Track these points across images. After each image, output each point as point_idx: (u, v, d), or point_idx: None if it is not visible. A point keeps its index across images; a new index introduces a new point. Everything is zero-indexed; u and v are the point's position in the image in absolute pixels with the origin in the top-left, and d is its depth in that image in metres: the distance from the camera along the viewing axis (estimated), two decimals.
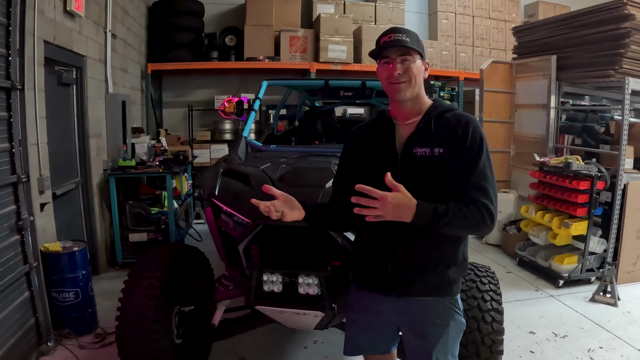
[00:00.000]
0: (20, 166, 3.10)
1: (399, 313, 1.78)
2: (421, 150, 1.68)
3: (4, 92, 2.99)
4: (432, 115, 1.72)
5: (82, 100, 4.40)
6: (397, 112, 1.77)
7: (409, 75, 1.66)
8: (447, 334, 1.75)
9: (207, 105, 7.48)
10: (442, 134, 1.68)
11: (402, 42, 1.64)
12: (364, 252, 1.83)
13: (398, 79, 1.66)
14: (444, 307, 1.75)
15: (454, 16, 7.95)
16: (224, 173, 2.77)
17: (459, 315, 1.79)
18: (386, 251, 1.73)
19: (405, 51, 1.66)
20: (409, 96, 1.69)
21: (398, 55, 1.66)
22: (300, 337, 3.47)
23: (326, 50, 6.97)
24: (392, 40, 1.65)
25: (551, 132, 5.51)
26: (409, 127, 1.74)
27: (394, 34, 1.67)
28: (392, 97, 1.73)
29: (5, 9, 2.96)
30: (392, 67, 1.66)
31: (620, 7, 4.41)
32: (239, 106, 3.43)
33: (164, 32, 6.88)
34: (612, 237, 4.52)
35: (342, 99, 4.51)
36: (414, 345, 1.80)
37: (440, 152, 1.66)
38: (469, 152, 1.65)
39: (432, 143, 1.67)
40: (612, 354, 3.34)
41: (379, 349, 1.91)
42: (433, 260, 1.71)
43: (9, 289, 2.91)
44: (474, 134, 1.66)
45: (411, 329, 1.80)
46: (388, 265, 1.72)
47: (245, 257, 2.37)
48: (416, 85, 1.69)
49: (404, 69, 1.66)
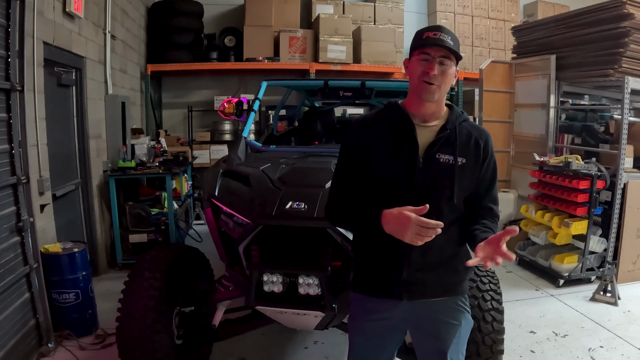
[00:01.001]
0: (20, 167, 3.10)
1: (409, 316, 1.75)
2: (445, 157, 1.67)
3: (4, 94, 2.99)
4: (456, 123, 1.72)
5: (82, 101, 4.40)
6: (417, 111, 1.70)
7: (442, 80, 1.62)
8: (460, 333, 1.75)
9: (207, 106, 7.48)
10: (464, 144, 1.70)
11: (446, 44, 1.59)
12: (373, 257, 1.75)
13: (432, 80, 1.61)
14: (456, 306, 1.75)
15: (453, 16, 7.94)
16: (223, 174, 2.77)
17: (469, 313, 1.79)
18: (402, 255, 1.67)
19: (447, 54, 1.61)
20: (436, 99, 1.66)
21: (439, 56, 1.61)
22: (300, 337, 3.46)
23: (325, 50, 6.96)
24: (437, 39, 1.60)
25: (551, 131, 5.51)
26: (429, 131, 1.70)
27: (440, 32, 1.61)
28: (419, 96, 1.66)
29: (5, 10, 2.96)
30: (430, 65, 1.61)
31: (619, 6, 4.41)
32: (238, 107, 3.43)
33: (164, 33, 6.87)
34: (612, 236, 4.51)
35: (341, 99, 4.51)
36: (427, 347, 1.79)
37: (463, 163, 1.68)
38: (488, 167, 1.73)
39: (456, 152, 1.68)
40: (612, 353, 3.34)
41: (385, 355, 1.86)
42: (446, 259, 1.72)
43: (9, 290, 2.91)
44: (492, 150, 1.75)
45: (423, 331, 1.79)
46: (403, 269, 1.68)
47: (245, 258, 2.38)
48: (444, 91, 1.66)
49: (440, 71, 1.61)
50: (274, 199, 2.36)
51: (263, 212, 2.31)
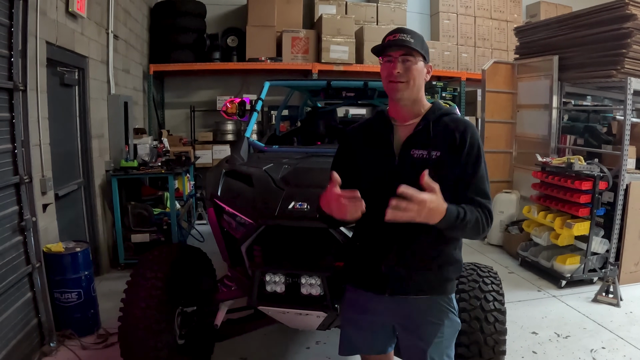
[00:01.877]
0: (23, 167, 3.11)
1: (393, 312, 1.78)
2: (418, 152, 1.69)
3: (7, 93, 2.99)
4: (431, 119, 1.73)
5: (85, 101, 4.41)
6: (395, 113, 1.78)
7: (409, 76, 1.67)
8: (442, 333, 1.75)
9: (209, 106, 7.48)
10: (440, 137, 1.70)
11: (405, 42, 1.65)
12: (358, 250, 1.84)
13: (397, 78, 1.67)
14: (439, 306, 1.76)
15: (456, 16, 7.95)
16: (226, 174, 2.77)
17: (454, 314, 1.80)
18: (380, 249, 1.73)
19: (408, 51, 1.67)
20: (407, 97, 1.70)
21: (400, 55, 1.67)
22: (302, 337, 3.46)
23: (328, 50, 6.97)
24: (396, 40, 1.67)
25: (553, 132, 5.50)
26: (407, 129, 1.75)
27: (398, 34, 1.68)
28: (391, 96, 1.73)
29: (8, 10, 2.97)
30: (392, 65, 1.67)
31: (622, 7, 4.40)
32: (241, 107, 3.43)
33: (166, 33, 6.89)
34: (615, 238, 4.50)
35: (344, 100, 4.51)
36: (409, 344, 1.81)
37: (437, 155, 1.67)
38: (468, 157, 1.68)
39: (430, 146, 1.69)
40: (614, 355, 3.33)
41: (375, 349, 1.90)
42: (427, 258, 1.72)
43: (11, 289, 2.92)
44: (472, 139, 1.69)
45: (406, 328, 1.81)
46: (382, 264, 1.72)
47: (247, 258, 2.38)
48: (415, 87, 1.70)
49: (404, 68, 1.67)
50: (276, 199, 2.36)
51: (266, 212, 2.32)
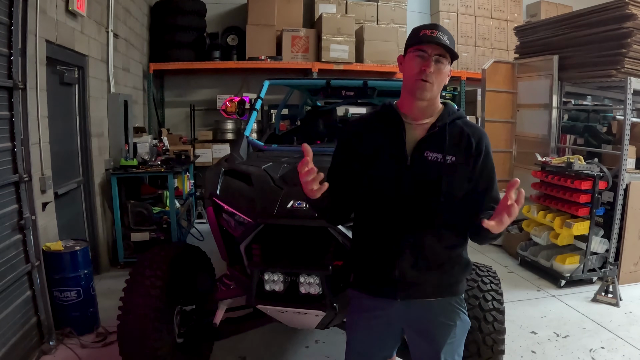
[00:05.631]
0: (22, 165, 3.10)
1: (404, 315, 1.74)
2: (433, 155, 1.65)
3: (6, 92, 2.99)
4: (447, 121, 1.69)
5: (84, 99, 4.41)
6: (409, 110, 1.71)
7: (437, 78, 1.62)
8: (455, 334, 1.73)
9: (209, 105, 7.48)
10: (455, 142, 1.67)
11: (444, 42, 1.59)
12: (367, 255, 1.77)
13: (428, 78, 1.60)
14: (451, 307, 1.74)
15: (456, 16, 7.93)
16: (225, 172, 2.77)
17: (465, 314, 1.78)
18: (393, 253, 1.68)
19: (443, 52, 1.61)
20: (429, 97, 1.65)
21: (435, 54, 1.61)
22: (301, 336, 3.47)
23: (328, 50, 6.96)
24: (434, 37, 1.59)
25: (553, 132, 5.50)
26: (420, 129, 1.70)
27: (437, 30, 1.60)
28: (412, 93, 1.65)
29: (7, 9, 2.96)
30: (427, 63, 1.60)
31: (622, 7, 4.40)
32: (240, 106, 3.43)
33: (166, 32, 6.88)
34: (614, 237, 4.50)
35: (343, 99, 4.50)
36: (421, 347, 1.78)
37: (452, 161, 1.64)
38: (484, 167, 1.68)
39: (445, 150, 1.65)
40: (613, 354, 3.33)
41: (383, 355, 1.86)
42: (440, 260, 1.70)
43: (10, 288, 2.92)
44: (487, 149, 1.69)
45: (417, 330, 1.77)
46: (395, 268, 1.67)
47: (246, 257, 2.38)
48: (438, 89, 1.66)
49: (436, 68, 1.61)
50: (275, 198, 2.36)
51: (264, 211, 2.32)
